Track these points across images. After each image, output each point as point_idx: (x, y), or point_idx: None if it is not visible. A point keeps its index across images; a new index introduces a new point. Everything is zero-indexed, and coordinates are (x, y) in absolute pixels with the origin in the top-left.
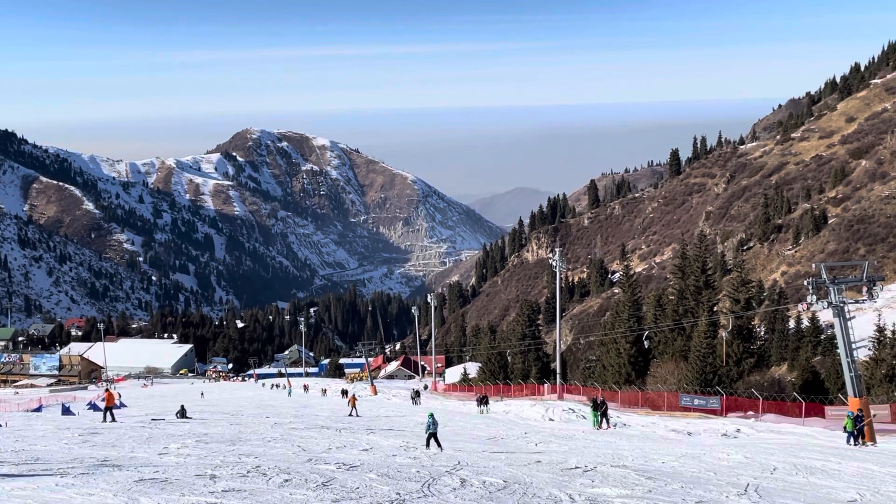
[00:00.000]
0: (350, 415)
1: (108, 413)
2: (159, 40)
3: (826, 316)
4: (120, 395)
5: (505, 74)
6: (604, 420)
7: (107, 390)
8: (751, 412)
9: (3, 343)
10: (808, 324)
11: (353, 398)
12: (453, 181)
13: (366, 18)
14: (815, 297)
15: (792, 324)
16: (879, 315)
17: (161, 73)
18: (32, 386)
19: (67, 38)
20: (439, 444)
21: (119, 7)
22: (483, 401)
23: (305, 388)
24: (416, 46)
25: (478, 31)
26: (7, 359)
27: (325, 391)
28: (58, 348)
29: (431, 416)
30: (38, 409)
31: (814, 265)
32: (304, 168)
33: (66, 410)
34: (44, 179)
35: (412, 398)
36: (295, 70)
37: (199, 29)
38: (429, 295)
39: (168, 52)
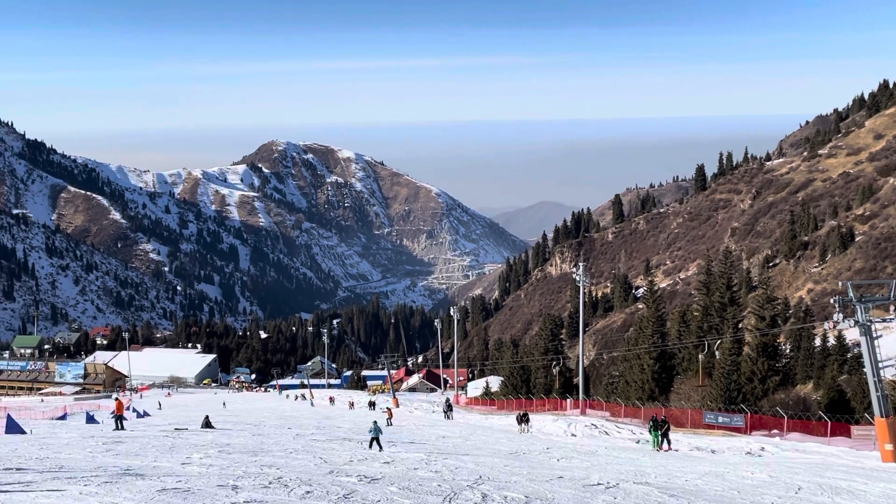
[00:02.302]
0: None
1: (118, 421)
2: (188, 52)
3: (853, 334)
4: (132, 399)
5: (530, 88)
6: (664, 440)
7: (116, 399)
8: (775, 431)
9: (29, 351)
10: (834, 342)
11: (390, 411)
12: (477, 194)
13: (392, 31)
14: (841, 315)
15: (818, 342)
16: None
17: (188, 84)
18: (61, 394)
19: (98, 48)
20: (380, 447)
21: (150, 18)
22: (524, 418)
23: (331, 400)
24: (442, 59)
25: (504, 45)
26: (33, 366)
27: (352, 404)
28: (83, 357)
29: (375, 423)
30: (63, 418)
31: (840, 283)
32: (328, 180)
33: (91, 419)
34: (72, 189)
35: (445, 412)
36: (321, 82)
37: (227, 40)
38: (451, 308)
39: (195, 63)
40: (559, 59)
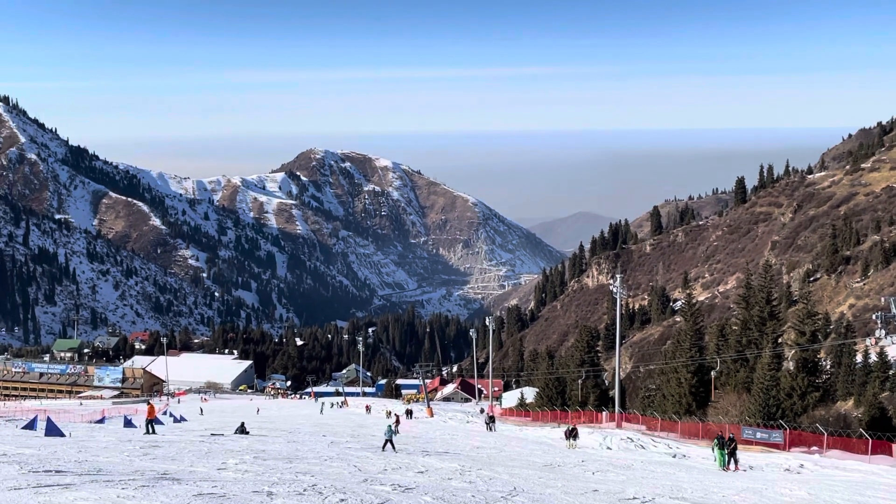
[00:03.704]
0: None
1: (150, 425)
2: (228, 60)
3: (895, 351)
4: (169, 404)
5: (569, 98)
6: (731, 460)
7: (148, 403)
8: (815, 447)
9: (69, 355)
10: (875, 358)
11: (398, 418)
12: (514, 204)
13: (432, 41)
14: (883, 331)
15: (859, 358)
16: None
17: (229, 93)
18: (101, 398)
19: (141, 57)
20: (394, 447)
21: (191, 27)
22: (572, 433)
23: (368, 408)
24: (480, 70)
25: (541, 55)
26: (73, 370)
27: (389, 413)
28: (121, 361)
29: (390, 427)
30: (101, 421)
31: (883, 299)
32: (366, 188)
33: (128, 423)
34: (113, 195)
35: (487, 424)
36: (360, 91)
37: (268, 49)
38: (487, 318)
39: (236, 72)
40: (598, 70)
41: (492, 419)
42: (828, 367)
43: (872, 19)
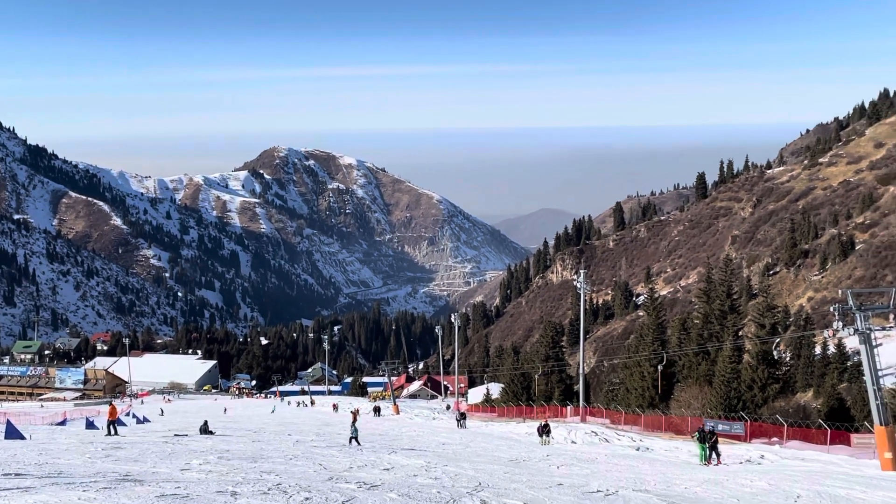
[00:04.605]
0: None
1: (111, 427)
2: (189, 58)
3: (853, 343)
4: (132, 405)
5: (532, 96)
6: (713, 453)
7: (110, 404)
8: (775, 438)
9: (29, 356)
10: (834, 350)
11: (354, 413)
12: (479, 201)
13: (394, 38)
14: (841, 323)
15: (818, 350)
16: None
17: (190, 90)
18: (64, 400)
19: (100, 55)
20: (359, 442)
21: (153, 24)
22: (545, 429)
23: (335, 407)
24: (444, 67)
25: (506, 53)
26: (33, 372)
27: (357, 411)
28: (83, 362)
29: (354, 425)
30: (63, 423)
31: (840, 291)
32: (330, 186)
33: (90, 424)
34: (73, 194)
35: (458, 421)
36: (323, 89)
37: (230, 47)
38: (453, 315)
39: (197, 70)
40: (560, 68)
41: (463, 416)
42: (787, 359)
43: (828, 17)
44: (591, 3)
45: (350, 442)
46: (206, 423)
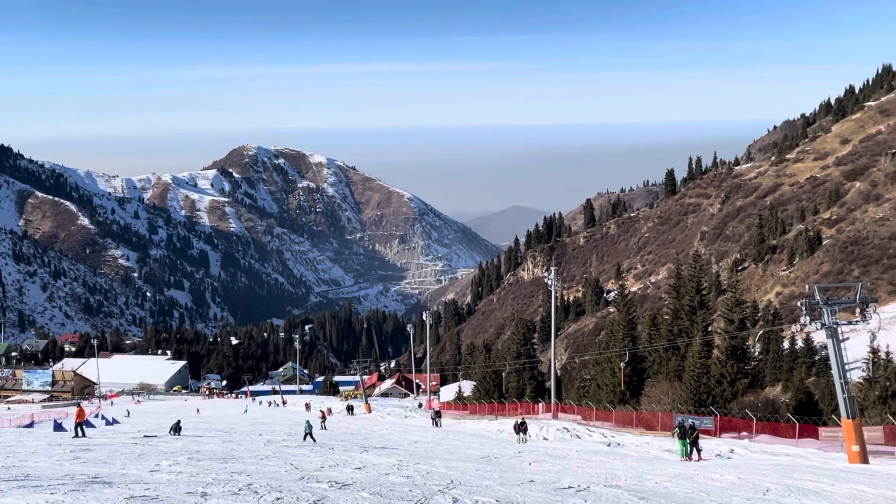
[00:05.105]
0: (321, 428)
1: (78, 428)
2: (156, 56)
3: (820, 337)
4: (101, 406)
5: (502, 94)
6: (693, 449)
7: (78, 405)
8: (745, 433)
9: None
10: (802, 345)
11: (324, 413)
12: (450, 199)
13: (362, 36)
14: (808, 318)
15: (786, 344)
16: (873, 337)
17: (158, 89)
18: (32, 402)
19: (64, 54)
20: (314, 439)
21: (116, 23)
22: (522, 427)
23: (307, 406)
24: (414, 65)
25: (475, 50)
26: (0, 374)
27: (329, 410)
28: (51, 364)
29: (308, 421)
30: (30, 426)
31: (808, 286)
32: (300, 185)
33: (58, 427)
34: (39, 194)
35: (433, 420)
36: (292, 87)
37: (197, 45)
38: (424, 313)
39: (165, 68)
40: (531, 66)
41: (438, 414)
42: (756, 353)
43: (795, 15)
44: (563, 3)
45: (304, 438)
46: (178, 422)
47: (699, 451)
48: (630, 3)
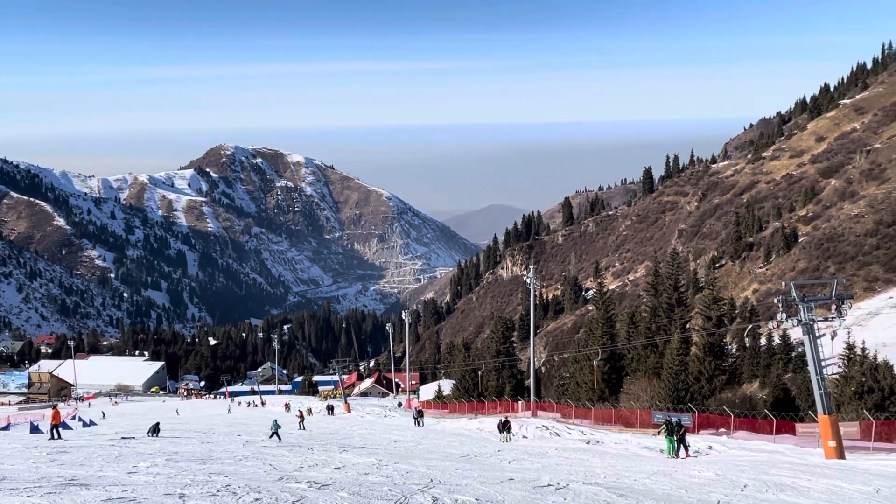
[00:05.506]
0: (300, 428)
1: (54, 430)
2: (132, 55)
3: (797, 334)
4: (78, 408)
5: (480, 92)
6: (681, 447)
7: (53, 407)
8: (722, 429)
9: None
10: (779, 341)
11: (302, 413)
12: (428, 198)
13: (342, 35)
14: (785, 315)
15: (763, 341)
16: (849, 333)
17: (134, 88)
18: (9, 404)
19: (39, 53)
20: (279, 438)
21: (92, 22)
22: (505, 426)
23: (287, 406)
24: (392, 63)
25: (453, 49)
26: None
27: (310, 410)
28: (27, 366)
29: (275, 421)
30: (6, 428)
31: (784, 283)
32: (278, 184)
33: (35, 429)
34: (14, 195)
35: (415, 419)
36: (270, 86)
37: (173, 44)
38: (403, 312)
39: (141, 67)
40: (507, 64)
41: (420, 413)
42: (734, 350)
43: (771, 13)
44: (539, 0)
45: (270, 437)
46: (157, 424)
47: (686, 448)
48: (607, 2)
